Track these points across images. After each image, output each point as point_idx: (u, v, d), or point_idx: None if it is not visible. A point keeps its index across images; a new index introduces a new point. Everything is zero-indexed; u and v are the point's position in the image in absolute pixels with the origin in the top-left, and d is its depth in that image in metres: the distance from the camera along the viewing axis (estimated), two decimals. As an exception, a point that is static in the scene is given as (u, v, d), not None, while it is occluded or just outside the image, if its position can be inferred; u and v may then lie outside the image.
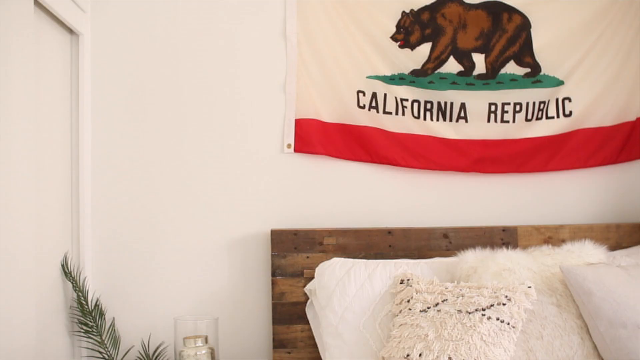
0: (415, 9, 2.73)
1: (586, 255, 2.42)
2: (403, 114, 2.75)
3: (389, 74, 2.75)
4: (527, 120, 2.79)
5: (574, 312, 2.27)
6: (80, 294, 2.50)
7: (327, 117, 2.74)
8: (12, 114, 1.95)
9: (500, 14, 2.76)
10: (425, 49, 2.75)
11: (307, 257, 2.62)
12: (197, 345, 2.46)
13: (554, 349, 2.18)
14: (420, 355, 2.07)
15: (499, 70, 2.77)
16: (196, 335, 2.48)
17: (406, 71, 2.75)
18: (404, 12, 2.72)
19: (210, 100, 2.73)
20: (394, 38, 2.73)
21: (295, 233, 2.63)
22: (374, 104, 2.75)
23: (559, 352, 2.18)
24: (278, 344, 2.61)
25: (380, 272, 2.43)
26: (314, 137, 2.73)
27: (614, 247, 2.68)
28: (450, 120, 2.77)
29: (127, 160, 2.71)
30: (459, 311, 2.14)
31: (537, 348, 2.18)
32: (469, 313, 2.12)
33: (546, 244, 2.61)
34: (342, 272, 2.44)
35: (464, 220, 2.77)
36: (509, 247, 2.54)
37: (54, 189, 2.42)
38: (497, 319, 2.10)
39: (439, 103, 2.76)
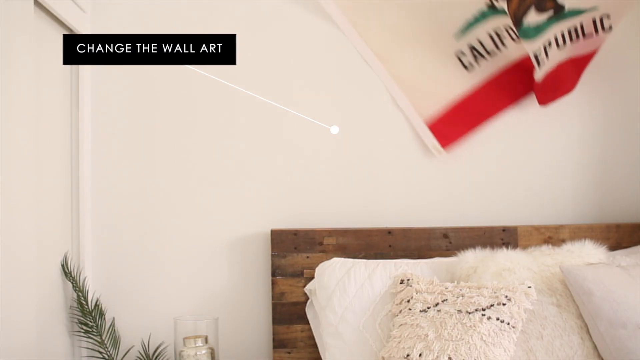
0: None
1: (586, 255, 2.42)
2: (503, 44, 2.69)
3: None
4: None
5: (574, 312, 2.26)
6: (80, 294, 2.50)
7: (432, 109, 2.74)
8: (12, 114, 1.95)
9: None
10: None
11: (307, 257, 2.62)
12: (197, 345, 2.46)
13: (554, 349, 2.18)
14: (420, 355, 2.07)
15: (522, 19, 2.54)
16: (196, 335, 2.48)
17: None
18: None
19: (208, 99, 2.73)
20: None
21: (295, 233, 2.63)
22: (477, 52, 2.72)
23: (559, 352, 2.17)
24: (278, 344, 2.61)
25: (380, 272, 2.43)
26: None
27: (614, 247, 2.67)
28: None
29: (128, 160, 2.71)
30: (459, 311, 2.14)
31: (537, 348, 2.18)
32: (469, 313, 2.12)
33: (546, 244, 2.61)
34: (342, 272, 2.44)
35: (464, 220, 2.77)
36: (509, 247, 2.54)
37: (54, 188, 2.41)
38: (497, 319, 2.10)
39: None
